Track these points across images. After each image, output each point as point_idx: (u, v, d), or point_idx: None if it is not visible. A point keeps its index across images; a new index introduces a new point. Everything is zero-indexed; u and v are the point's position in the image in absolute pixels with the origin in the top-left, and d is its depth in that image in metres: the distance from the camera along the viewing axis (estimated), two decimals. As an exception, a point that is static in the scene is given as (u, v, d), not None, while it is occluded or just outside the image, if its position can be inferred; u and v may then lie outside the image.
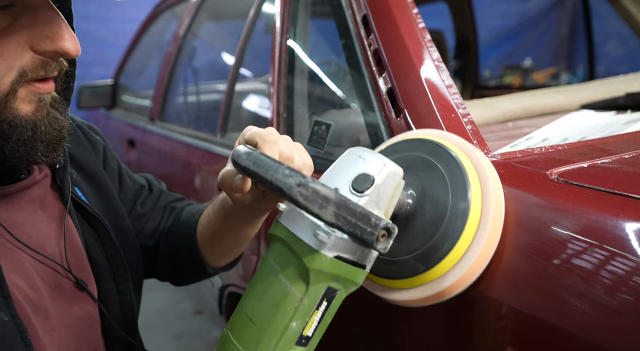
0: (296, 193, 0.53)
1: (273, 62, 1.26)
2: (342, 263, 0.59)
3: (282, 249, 0.61)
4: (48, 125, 0.61)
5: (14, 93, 0.58)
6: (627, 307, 0.54)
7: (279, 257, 0.61)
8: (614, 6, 2.10)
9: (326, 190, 0.53)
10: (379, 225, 0.55)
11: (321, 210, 0.53)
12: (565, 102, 1.35)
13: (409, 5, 0.94)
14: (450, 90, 0.84)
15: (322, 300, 0.59)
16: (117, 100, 2.76)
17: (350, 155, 0.63)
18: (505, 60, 4.64)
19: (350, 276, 0.60)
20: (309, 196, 0.53)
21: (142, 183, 0.96)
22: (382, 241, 0.57)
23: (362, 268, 0.61)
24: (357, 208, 0.55)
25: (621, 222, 0.58)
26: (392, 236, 0.57)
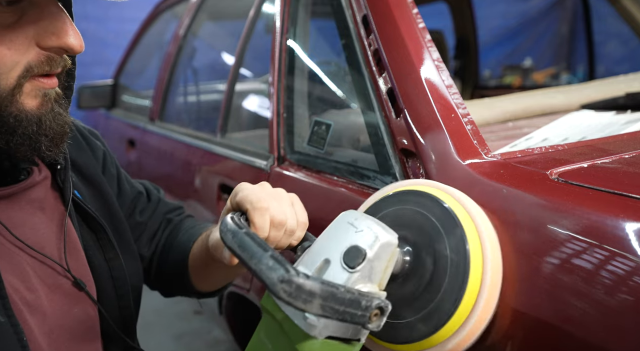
0: (279, 290, 0.50)
1: (273, 62, 1.26)
2: (333, 342, 0.58)
3: (272, 324, 0.60)
4: (52, 120, 0.62)
5: (20, 87, 0.59)
6: (627, 307, 0.54)
7: (269, 332, 0.61)
8: (614, 6, 2.10)
9: (311, 283, 0.51)
10: (370, 307, 0.54)
11: (306, 304, 0.51)
12: (565, 102, 1.34)
13: (409, 5, 0.94)
14: (450, 90, 0.84)
15: None
16: (117, 100, 2.76)
17: (342, 222, 0.62)
18: (505, 60, 4.64)
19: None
20: (292, 292, 0.50)
21: (140, 190, 0.96)
22: (374, 320, 0.55)
23: (357, 341, 0.60)
24: (345, 296, 0.53)
25: (621, 222, 0.58)
26: (386, 314, 0.56)
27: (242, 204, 0.66)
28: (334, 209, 0.97)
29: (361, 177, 0.94)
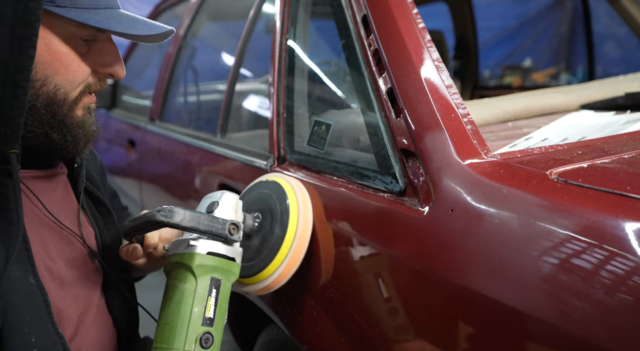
0: (159, 216, 0.77)
1: (273, 62, 1.26)
2: (215, 258, 0.82)
3: (173, 269, 0.83)
4: (90, 126, 0.82)
5: (78, 100, 0.79)
6: (627, 307, 0.54)
7: (173, 274, 0.83)
8: (614, 6, 2.11)
9: (178, 208, 0.79)
10: (227, 222, 0.83)
11: (180, 220, 0.78)
12: (565, 102, 1.35)
13: (409, 5, 0.94)
14: (450, 90, 0.84)
15: (212, 288, 0.81)
16: (117, 100, 2.76)
17: (203, 200, 0.94)
18: (505, 60, 4.65)
19: (225, 267, 0.83)
20: (167, 214, 0.78)
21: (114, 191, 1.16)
22: (234, 233, 0.83)
23: (233, 260, 0.85)
24: (206, 216, 0.81)
25: (621, 222, 0.58)
26: (240, 228, 0.84)
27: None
28: (334, 209, 0.97)
29: (361, 177, 0.94)
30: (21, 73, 0.65)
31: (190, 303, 0.78)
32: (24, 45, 0.65)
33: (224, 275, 0.83)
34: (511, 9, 4.91)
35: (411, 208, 0.80)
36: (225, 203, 0.89)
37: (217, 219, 0.82)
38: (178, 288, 0.80)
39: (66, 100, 0.77)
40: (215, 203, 0.88)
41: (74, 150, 0.81)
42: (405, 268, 0.79)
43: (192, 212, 0.80)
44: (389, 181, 0.87)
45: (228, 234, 0.82)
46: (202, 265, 0.80)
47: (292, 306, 1.04)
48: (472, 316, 0.68)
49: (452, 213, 0.73)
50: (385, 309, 0.82)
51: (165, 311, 0.80)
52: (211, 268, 0.81)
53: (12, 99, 0.66)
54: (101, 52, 0.79)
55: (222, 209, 0.88)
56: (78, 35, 0.75)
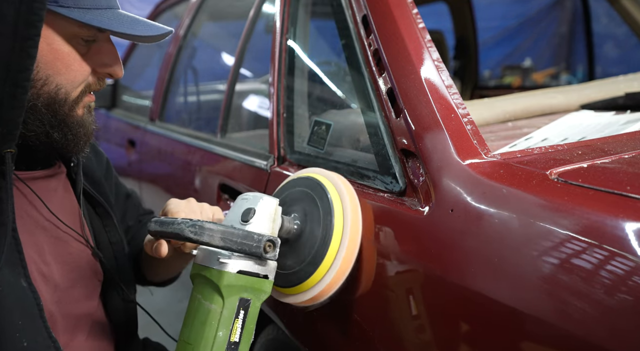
0: (187, 232, 0.71)
1: (273, 62, 1.26)
2: (245, 277, 0.75)
3: (199, 281, 0.77)
4: (89, 125, 0.83)
5: (79, 100, 0.79)
6: (627, 307, 0.54)
7: (199, 288, 0.77)
8: (614, 6, 2.11)
9: (210, 224, 0.72)
10: (262, 239, 0.74)
11: (210, 238, 0.72)
12: (565, 102, 1.35)
13: (409, 5, 0.94)
14: (450, 90, 0.84)
15: (239, 309, 0.75)
16: (117, 100, 2.76)
17: (238, 201, 0.84)
18: (505, 60, 4.65)
19: (256, 286, 0.77)
20: (197, 231, 0.71)
21: (128, 193, 1.14)
22: (269, 251, 0.75)
23: (265, 278, 0.78)
24: (239, 232, 0.74)
25: (621, 222, 0.58)
26: (277, 245, 0.76)
27: (165, 214, 0.86)
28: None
29: (361, 177, 0.94)
30: (22, 72, 0.65)
31: (215, 326, 0.73)
32: (26, 45, 0.64)
33: (254, 294, 0.77)
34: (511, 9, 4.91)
35: (411, 208, 0.80)
36: (262, 211, 0.80)
37: (252, 236, 0.74)
38: (203, 307, 0.75)
39: (67, 99, 0.77)
40: (251, 210, 0.80)
41: (75, 149, 0.81)
42: (405, 268, 0.79)
43: (225, 227, 0.73)
44: (389, 181, 0.87)
45: (263, 253, 0.74)
46: (231, 285, 0.74)
47: (292, 306, 1.04)
48: (472, 316, 0.68)
49: (452, 213, 0.73)
50: (386, 309, 0.82)
51: (188, 328, 0.76)
52: (240, 288, 0.75)
53: (11, 98, 0.66)
54: (100, 52, 0.80)
55: (259, 219, 0.79)
56: (80, 36, 0.76)
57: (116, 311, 0.93)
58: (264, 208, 0.80)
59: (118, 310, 0.94)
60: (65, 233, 0.85)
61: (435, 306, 0.74)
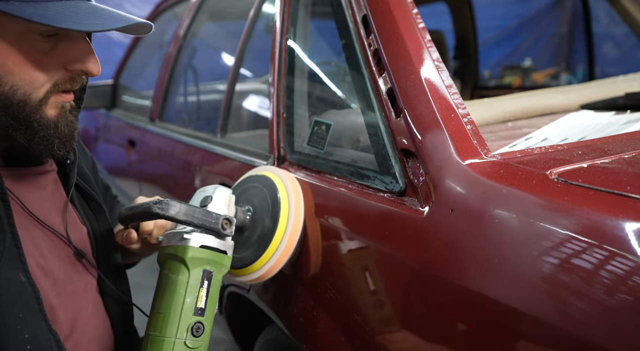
0: (155, 209, 0.81)
1: (273, 62, 1.26)
2: (207, 251, 0.84)
3: (166, 260, 0.85)
4: (65, 126, 0.78)
5: (47, 100, 0.74)
6: (627, 307, 0.54)
7: (166, 266, 0.85)
8: (614, 6, 2.11)
9: (174, 201, 0.82)
10: (220, 217, 0.85)
11: (175, 214, 0.81)
12: (565, 102, 1.35)
13: (409, 5, 0.94)
14: (450, 90, 0.84)
15: (203, 280, 0.84)
16: (117, 100, 2.76)
17: (197, 193, 0.95)
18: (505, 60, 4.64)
19: (217, 259, 0.86)
20: (163, 207, 0.81)
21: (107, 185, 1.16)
22: (227, 228, 0.86)
23: (224, 253, 0.87)
24: (200, 209, 0.85)
25: (621, 222, 0.58)
26: (233, 223, 0.87)
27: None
28: (334, 209, 0.97)
29: (361, 177, 0.94)
30: None
31: (183, 294, 0.81)
32: None
33: (216, 268, 0.85)
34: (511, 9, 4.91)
35: (411, 208, 0.80)
36: (218, 197, 0.91)
37: (211, 214, 0.85)
38: (171, 279, 0.83)
39: (28, 101, 0.72)
40: (208, 197, 0.90)
41: (47, 152, 0.77)
42: (405, 268, 0.79)
43: (188, 205, 0.83)
44: (389, 181, 0.87)
45: (221, 229, 0.85)
46: (195, 257, 0.83)
47: (292, 306, 1.04)
48: (472, 316, 0.68)
49: (452, 213, 0.73)
50: (386, 309, 0.82)
51: (159, 300, 0.83)
52: (203, 260, 0.84)
53: None
54: (70, 48, 0.74)
55: (216, 203, 0.90)
56: (34, 31, 0.70)
57: (113, 306, 0.94)
58: (220, 196, 0.92)
59: (114, 304, 0.94)
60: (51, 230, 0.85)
61: (435, 306, 0.74)
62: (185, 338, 0.80)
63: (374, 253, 0.85)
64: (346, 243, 0.92)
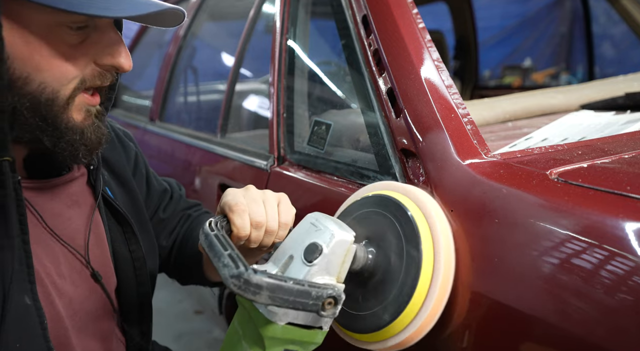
0: (230, 284, 0.58)
1: (273, 62, 1.26)
2: (295, 329, 0.65)
3: (244, 314, 0.68)
4: (92, 133, 0.72)
5: (73, 98, 0.68)
6: (627, 307, 0.54)
7: (242, 321, 0.69)
8: (614, 6, 2.11)
9: (257, 277, 0.58)
10: (322, 296, 0.61)
11: (255, 296, 0.58)
12: (565, 102, 1.35)
13: (409, 5, 0.94)
14: (450, 90, 0.84)
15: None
16: (117, 100, 2.76)
17: (306, 222, 0.71)
18: (505, 60, 4.64)
19: (305, 338, 0.66)
20: (241, 286, 0.58)
21: (165, 188, 1.07)
22: (329, 308, 0.62)
23: (319, 329, 0.67)
24: (293, 287, 0.59)
25: (621, 222, 0.58)
26: (340, 303, 0.63)
27: (223, 208, 0.75)
28: (334, 209, 0.97)
29: (361, 177, 0.94)
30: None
31: None
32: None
33: (301, 346, 0.67)
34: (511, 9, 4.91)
35: (411, 208, 0.80)
36: (333, 252, 0.66)
37: (310, 293, 0.60)
38: (241, 348, 0.67)
39: (56, 99, 0.67)
40: (318, 249, 0.66)
41: (72, 159, 0.71)
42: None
43: (276, 280, 0.59)
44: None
45: (320, 311, 0.62)
46: (276, 338, 0.65)
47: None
48: (472, 316, 0.68)
49: (452, 213, 0.73)
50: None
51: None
52: (287, 340, 0.66)
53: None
54: (100, 41, 0.69)
55: (326, 262, 0.66)
56: (62, 23, 0.65)
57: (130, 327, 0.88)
58: (334, 248, 0.66)
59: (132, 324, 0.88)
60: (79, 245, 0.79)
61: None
62: None
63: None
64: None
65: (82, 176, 0.82)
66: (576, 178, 0.67)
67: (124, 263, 0.86)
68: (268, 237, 0.75)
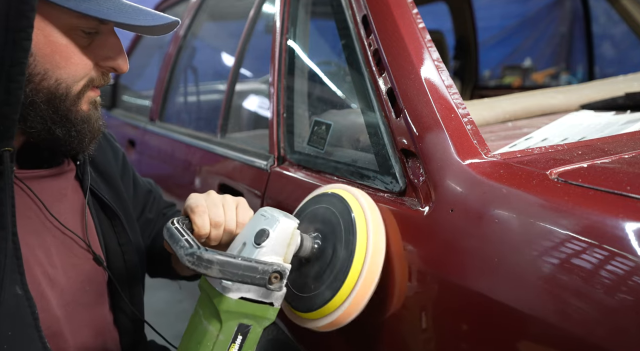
0: (186, 261, 0.68)
1: (273, 62, 1.26)
2: (247, 303, 0.72)
3: (204, 297, 0.75)
4: (96, 121, 0.80)
5: (84, 93, 0.76)
6: (627, 307, 0.54)
7: (202, 303, 0.76)
8: (614, 6, 2.11)
9: (209, 254, 0.67)
10: (268, 270, 0.70)
11: (207, 270, 0.67)
12: (565, 102, 1.35)
13: (409, 5, 0.94)
14: (450, 90, 0.84)
15: (237, 335, 0.73)
16: (117, 100, 2.76)
17: (257, 214, 0.80)
18: (505, 60, 4.65)
19: (258, 313, 0.73)
20: (195, 262, 0.67)
21: (149, 188, 1.11)
22: (275, 282, 0.71)
23: (270, 305, 0.74)
24: (241, 263, 0.69)
25: (621, 222, 0.58)
26: (285, 276, 0.71)
27: (186, 210, 0.82)
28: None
29: (361, 177, 0.94)
30: (15, 66, 0.63)
31: (210, 348, 0.72)
32: (19, 37, 0.62)
33: (256, 321, 0.74)
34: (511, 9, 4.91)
35: (411, 208, 0.80)
36: (277, 234, 0.75)
37: (257, 267, 0.69)
38: (202, 326, 0.74)
39: (68, 94, 0.74)
40: (265, 233, 0.75)
41: (79, 147, 0.78)
42: (405, 268, 0.79)
43: (226, 257, 0.68)
44: (389, 181, 0.87)
45: (267, 284, 0.70)
46: (230, 311, 0.72)
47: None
48: (472, 316, 0.68)
49: (452, 213, 0.73)
50: (385, 309, 0.82)
51: (185, 344, 0.76)
52: (241, 314, 0.73)
53: (6, 94, 0.63)
54: (104, 45, 0.76)
55: (272, 243, 0.75)
56: (79, 27, 0.72)
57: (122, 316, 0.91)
58: (280, 232, 0.75)
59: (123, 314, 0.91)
60: (72, 235, 0.83)
61: (435, 306, 0.74)
62: None
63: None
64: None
65: (70, 171, 0.87)
66: (576, 178, 0.67)
67: (114, 255, 0.90)
68: (227, 236, 0.82)
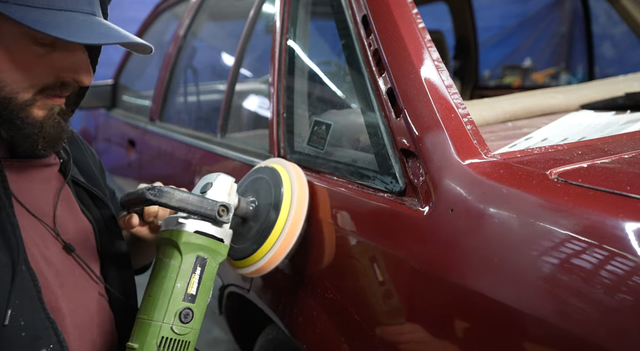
0: (148, 195, 0.81)
1: (273, 62, 1.26)
2: (202, 236, 0.84)
3: (162, 244, 0.85)
4: (51, 128, 0.79)
5: (34, 102, 0.76)
6: (627, 307, 0.54)
7: (161, 250, 0.85)
8: (614, 6, 2.11)
9: (168, 188, 0.82)
10: (217, 204, 0.85)
11: (168, 200, 0.81)
12: (565, 102, 1.35)
13: (409, 5, 0.94)
14: (450, 90, 0.84)
15: (196, 266, 0.83)
16: (117, 100, 2.76)
17: (200, 180, 0.95)
18: (505, 60, 4.65)
19: (212, 246, 0.84)
20: (156, 194, 0.81)
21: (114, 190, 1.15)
22: (223, 215, 0.85)
23: (221, 241, 0.86)
24: (195, 197, 0.84)
25: (621, 222, 0.58)
26: (230, 210, 0.86)
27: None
28: (334, 209, 0.97)
29: (361, 177, 0.94)
30: None
31: (174, 278, 0.81)
32: None
33: (211, 255, 0.84)
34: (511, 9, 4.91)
35: (411, 208, 0.80)
36: (219, 184, 0.90)
37: (207, 200, 0.84)
38: (164, 263, 0.83)
39: (13, 99, 0.73)
40: (209, 184, 0.90)
41: (31, 150, 0.79)
42: (405, 268, 0.79)
43: (183, 192, 0.83)
44: (389, 181, 0.87)
45: (217, 215, 0.84)
46: (189, 243, 0.82)
47: (292, 306, 1.04)
48: (472, 316, 0.68)
49: (452, 213, 0.73)
50: (386, 309, 0.82)
51: (151, 284, 0.83)
52: (197, 246, 0.83)
53: None
54: (65, 58, 0.76)
55: (215, 191, 0.89)
56: (30, 35, 0.71)
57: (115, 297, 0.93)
58: (220, 183, 0.90)
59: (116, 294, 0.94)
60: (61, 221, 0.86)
61: (436, 307, 0.74)
62: (172, 323, 0.79)
63: (374, 253, 0.85)
64: (346, 242, 0.92)
65: (55, 165, 0.90)
66: (576, 178, 0.67)
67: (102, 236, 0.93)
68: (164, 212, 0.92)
